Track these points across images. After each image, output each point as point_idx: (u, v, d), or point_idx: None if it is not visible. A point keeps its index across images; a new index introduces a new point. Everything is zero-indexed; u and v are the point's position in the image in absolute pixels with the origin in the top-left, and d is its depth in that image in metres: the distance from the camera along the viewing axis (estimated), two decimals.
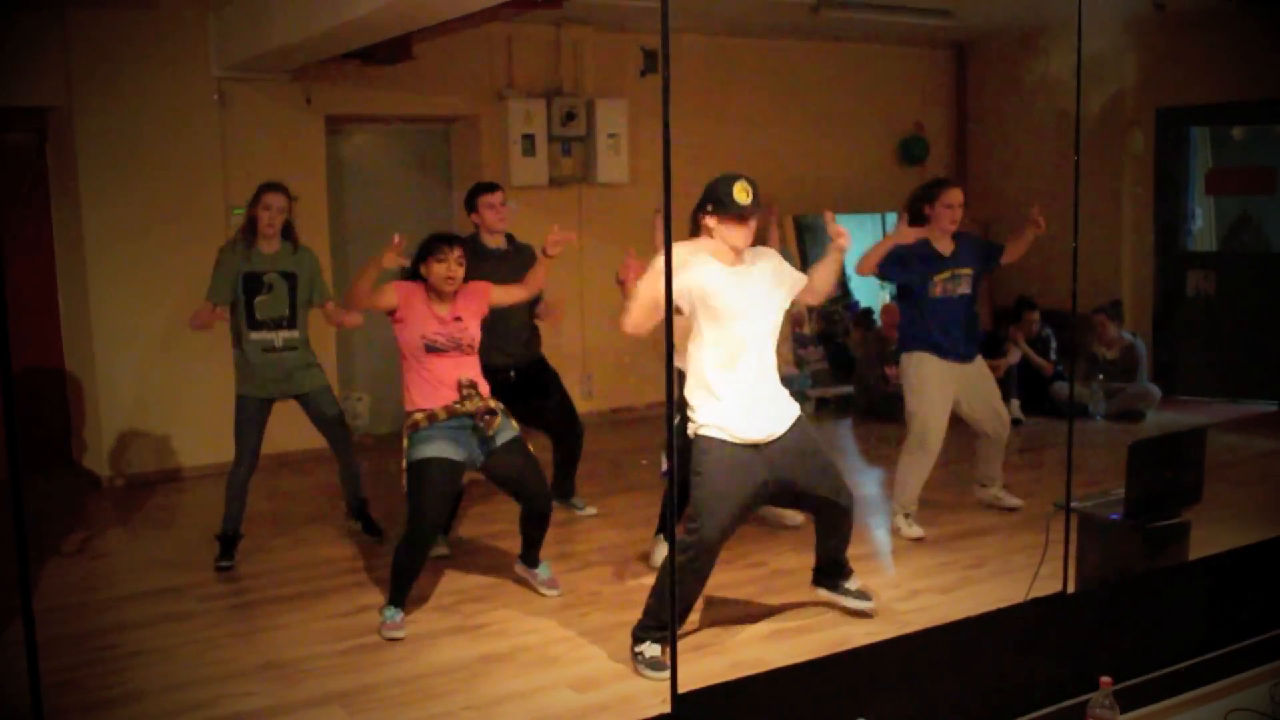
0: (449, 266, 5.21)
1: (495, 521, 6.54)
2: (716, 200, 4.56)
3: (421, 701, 4.39)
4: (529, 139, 8.89)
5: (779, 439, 4.66)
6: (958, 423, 6.40)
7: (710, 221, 4.60)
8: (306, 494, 6.30)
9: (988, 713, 3.44)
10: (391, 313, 5.23)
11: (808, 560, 5.86)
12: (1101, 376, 9.22)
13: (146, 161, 7.51)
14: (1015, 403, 9.16)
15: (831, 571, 5.13)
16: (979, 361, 6.41)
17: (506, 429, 5.26)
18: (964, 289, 6.24)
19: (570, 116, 9.03)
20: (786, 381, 9.83)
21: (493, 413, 5.17)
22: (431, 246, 5.26)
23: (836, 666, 3.53)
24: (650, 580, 5.58)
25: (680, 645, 3.29)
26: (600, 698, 4.39)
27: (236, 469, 6.05)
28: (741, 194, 4.51)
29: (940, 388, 6.20)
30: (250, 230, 5.93)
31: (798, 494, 4.84)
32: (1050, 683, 3.54)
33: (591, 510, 6.75)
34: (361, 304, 5.32)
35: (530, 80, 9.08)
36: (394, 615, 5.12)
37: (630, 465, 7.94)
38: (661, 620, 4.60)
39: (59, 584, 5.72)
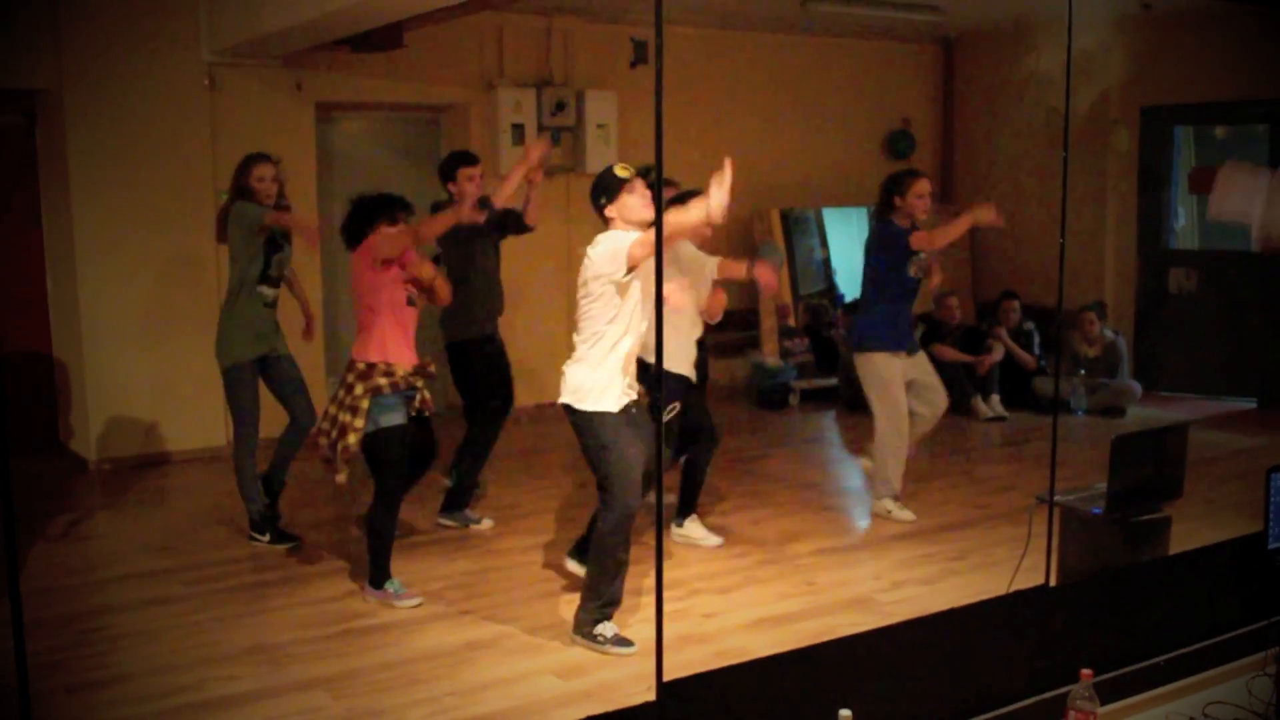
0: (400, 226, 5.36)
1: (482, 510, 6.58)
2: (604, 189, 4.75)
3: (406, 687, 4.41)
4: (519, 128, 8.91)
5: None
6: (955, 426, 6.52)
7: (610, 211, 4.75)
8: (291, 480, 6.31)
9: (969, 704, 3.47)
10: (391, 261, 5.27)
11: (792, 551, 5.94)
12: (1083, 372, 9.30)
13: (136, 146, 7.50)
14: (996, 398, 9.23)
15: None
16: (920, 353, 6.61)
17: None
18: (919, 273, 6.43)
19: (560, 106, 9.05)
20: (771, 373, 9.93)
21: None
22: (388, 203, 5.38)
23: (820, 656, 3.55)
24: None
25: (665, 635, 3.31)
26: (584, 685, 4.43)
27: (243, 444, 6.03)
28: (621, 170, 4.74)
29: (900, 380, 6.38)
30: (247, 199, 5.92)
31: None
32: (1031, 674, 3.57)
33: (489, 522, 6.50)
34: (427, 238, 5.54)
35: (520, 70, 9.10)
36: (402, 587, 5.26)
37: None
38: (604, 597, 4.77)
39: (46, 567, 5.73)
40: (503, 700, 4.31)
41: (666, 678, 3.14)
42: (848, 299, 10.57)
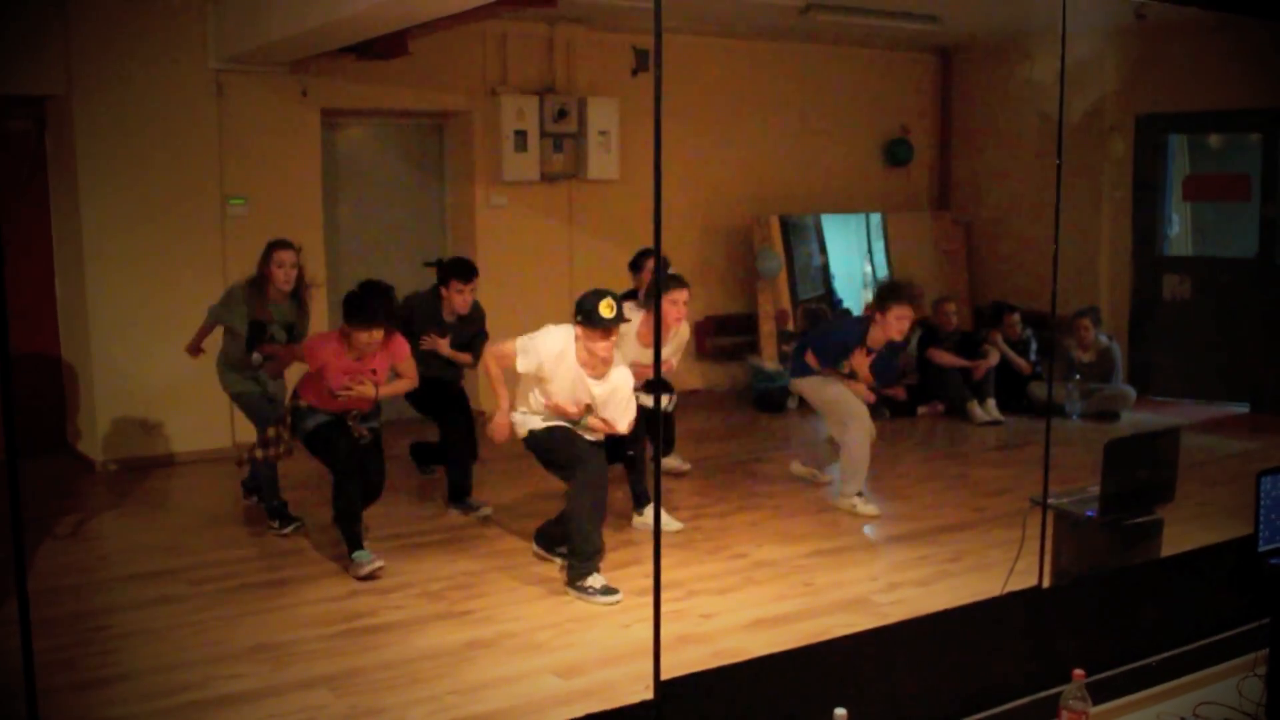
0: (370, 335, 5.57)
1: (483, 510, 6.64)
2: (584, 313, 5.25)
3: (408, 685, 4.46)
4: (521, 135, 8.97)
5: None
6: (951, 430, 6.57)
7: (578, 330, 5.31)
8: (295, 480, 6.37)
9: (963, 704, 3.51)
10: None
11: (789, 553, 5.99)
12: (1078, 377, 9.36)
13: (144, 151, 7.56)
14: (991, 402, 9.29)
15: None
16: None
17: (373, 417, 5.93)
18: (847, 370, 6.85)
19: (562, 113, 9.11)
20: (770, 377, 9.96)
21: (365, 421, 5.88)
22: (360, 314, 5.52)
23: (816, 656, 3.59)
24: (638, 569, 5.69)
25: (663, 635, 3.36)
26: (584, 684, 4.47)
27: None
28: (606, 310, 5.20)
29: (844, 387, 6.84)
30: (262, 286, 6.17)
31: None
32: (1024, 675, 3.61)
33: (488, 509, 6.74)
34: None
35: (523, 77, 9.16)
36: (367, 554, 5.66)
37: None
38: (590, 547, 5.37)
39: (53, 566, 5.77)
40: (503, 699, 4.35)
41: (665, 677, 3.19)
42: (845, 304, 10.62)
